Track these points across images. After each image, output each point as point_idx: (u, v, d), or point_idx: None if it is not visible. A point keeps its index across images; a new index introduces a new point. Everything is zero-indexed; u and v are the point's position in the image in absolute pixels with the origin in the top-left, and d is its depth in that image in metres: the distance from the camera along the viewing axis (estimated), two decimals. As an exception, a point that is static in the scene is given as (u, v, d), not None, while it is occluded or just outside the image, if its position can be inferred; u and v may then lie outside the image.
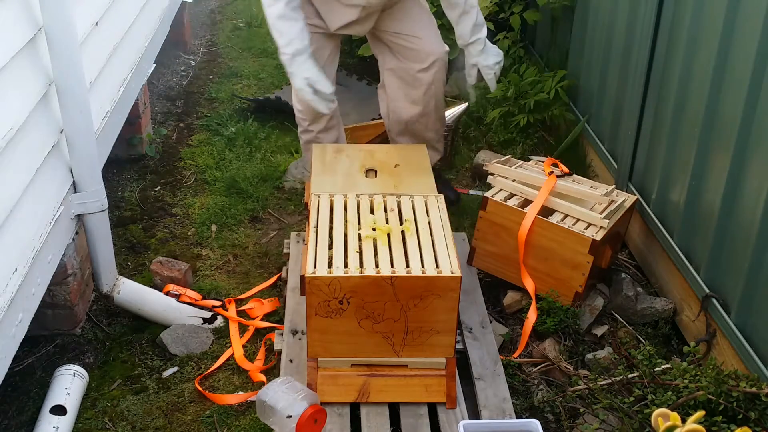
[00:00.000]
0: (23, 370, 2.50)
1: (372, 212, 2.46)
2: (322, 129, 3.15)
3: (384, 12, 2.99)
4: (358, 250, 2.28)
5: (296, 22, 2.60)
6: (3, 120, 2.07)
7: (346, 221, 2.41)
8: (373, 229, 2.35)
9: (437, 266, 2.21)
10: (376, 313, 2.22)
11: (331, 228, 2.38)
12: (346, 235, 2.34)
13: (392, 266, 2.21)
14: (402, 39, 3.03)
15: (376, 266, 2.21)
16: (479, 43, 2.94)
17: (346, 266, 2.21)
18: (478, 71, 3.02)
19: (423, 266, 2.21)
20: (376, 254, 2.27)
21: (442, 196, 2.57)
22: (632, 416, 2.17)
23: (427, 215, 2.45)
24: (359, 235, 2.34)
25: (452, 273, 2.19)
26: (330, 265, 2.21)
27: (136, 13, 3.66)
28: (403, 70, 3.07)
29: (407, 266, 2.21)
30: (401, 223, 2.40)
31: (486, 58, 2.98)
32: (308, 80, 2.66)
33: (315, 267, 2.20)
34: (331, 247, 2.29)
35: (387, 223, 2.41)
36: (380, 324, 2.23)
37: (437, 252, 2.28)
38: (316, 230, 2.35)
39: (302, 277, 2.22)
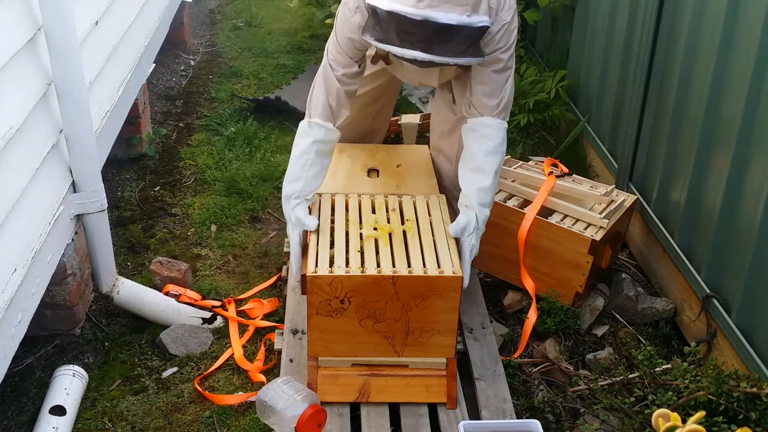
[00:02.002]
0: (23, 371, 2.49)
1: (374, 212, 2.45)
2: None
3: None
4: (359, 249, 2.27)
5: (312, 165, 2.39)
6: (2, 120, 2.07)
7: (347, 221, 2.40)
8: (375, 229, 2.35)
9: (439, 266, 2.21)
10: (377, 313, 2.21)
11: (332, 228, 2.37)
12: (347, 234, 2.34)
13: (394, 266, 2.21)
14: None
15: (378, 266, 2.21)
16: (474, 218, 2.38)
17: (347, 265, 2.21)
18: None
19: (425, 266, 2.21)
20: (377, 254, 2.26)
21: (443, 196, 2.55)
22: (633, 416, 2.17)
23: (429, 215, 2.45)
24: (361, 234, 2.33)
25: (454, 273, 2.18)
26: (331, 264, 2.21)
27: (135, 13, 3.66)
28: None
29: (409, 266, 2.21)
30: (403, 223, 2.40)
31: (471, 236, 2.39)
32: (299, 221, 2.36)
33: (316, 266, 2.19)
34: (332, 246, 2.29)
35: (389, 222, 2.40)
36: (381, 324, 2.23)
37: (439, 252, 2.27)
38: (318, 230, 2.35)
39: (303, 277, 2.22)
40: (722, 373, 2.03)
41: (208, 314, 2.75)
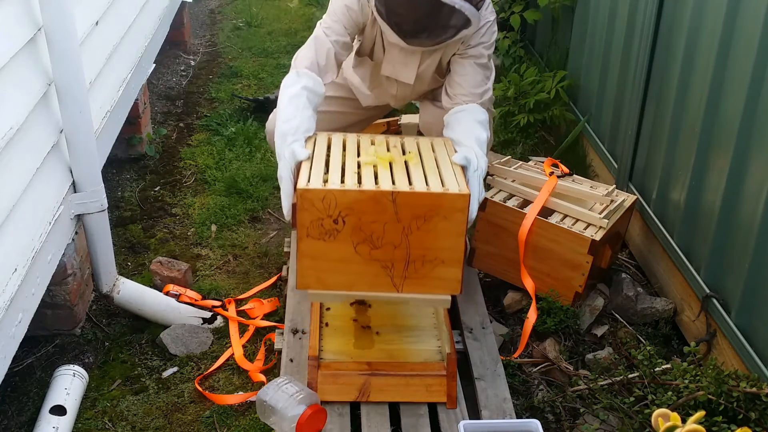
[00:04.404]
0: (23, 370, 2.50)
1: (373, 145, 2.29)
2: None
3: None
4: (356, 171, 2.09)
5: (305, 109, 2.34)
6: (2, 120, 2.07)
7: (344, 152, 2.23)
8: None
9: (443, 185, 2.03)
10: (374, 237, 2.01)
11: (328, 158, 2.19)
12: (344, 164, 2.14)
13: (394, 184, 2.02)
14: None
15: (376, 183, 2.03)
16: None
17: (342, 182, 2.02)
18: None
19: (428, 185, 2.02)
20: (376, 177, 2.09)
21: (449, 139, 2.39)
22: (632, 416, 2.17)
23: (433, 151, 2.27)
24: (359, 163, 2.16)
25: (460, 191, 2.00)
26: (326, 182, 2.03)
27: (135, 13, 3.66)
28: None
29: (410, 184, 2.03)
30: (404, 155, 2.24)
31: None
32: (293, 155, 2.22)
33: (309, 181, 2.01)
34: (327, 172, 2.11)
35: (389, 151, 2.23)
36: (379, 250, 2.02)
37: (443, 175, 2.10)
38: (311, 159, 2.15)
39: (294, 206, 2.04)
40: (722, 373, 2.03)
41: (208, 314, 2.75)
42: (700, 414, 1.34)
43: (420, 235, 2.02)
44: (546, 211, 2.72)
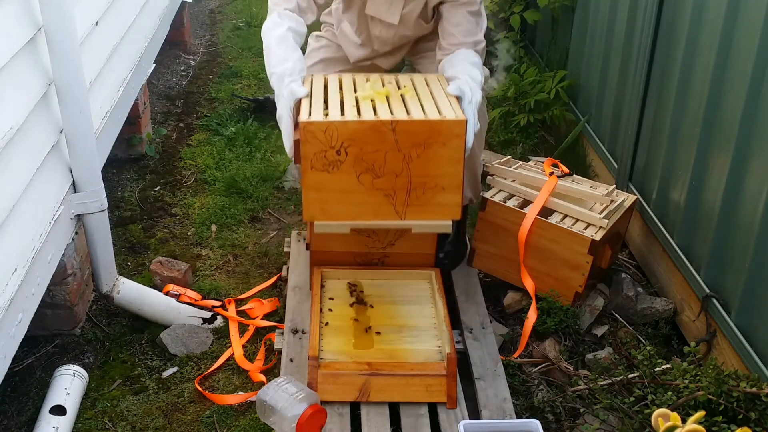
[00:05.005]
0: (23, 370, 2.50)
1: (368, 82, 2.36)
2: None
3: (415, 46, 2.81)
4: (355, 105, 2.17)
5: (294, 50, 2.37)
6: (2, 120, 2.07)
7: (341, 89, 2.30)
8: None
9: (440, 113, 2.10)
10: (376, 166, 2.08)
11: (326, 96, 2.25)
12: (342, 101, 2.22)
13: (392, 114, 2.09)
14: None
15: (375, 114, 2.10)
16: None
17: (342, 114, 2.09)
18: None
19: (425, 114, 2.09)
20: (374, 110, 2.16)
21: (443, 76, 2.42)
22: (632, 416, 2.17)
23: (428, 86, 2.34)
24: (356, 98, 2.22)
25: (456, 117, 2.06)
26: (326, 115, 2.10)
27: (135, 13, 3.66)
28: None
29: (408, 114, 2.10)
30: (399, 89, 2.31)
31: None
32: (291, 94, 2.27)
33: (310, 114, 2.09)
34: (326, 108, 2.18)
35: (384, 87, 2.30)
36: (381, 179, 2.10)
37: (439, 104, 2.17)
38: (310, 97, 2.22)
39: (296, 143, 2.10)
40: (722, 373, 2.03)
41: (208, 314, 2.75)
42: (700, 414, 1.34)
43: (420, 162, 2.08)
44: (546, 211, 2.72)
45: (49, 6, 2.26)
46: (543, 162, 2.98)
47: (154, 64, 4.00)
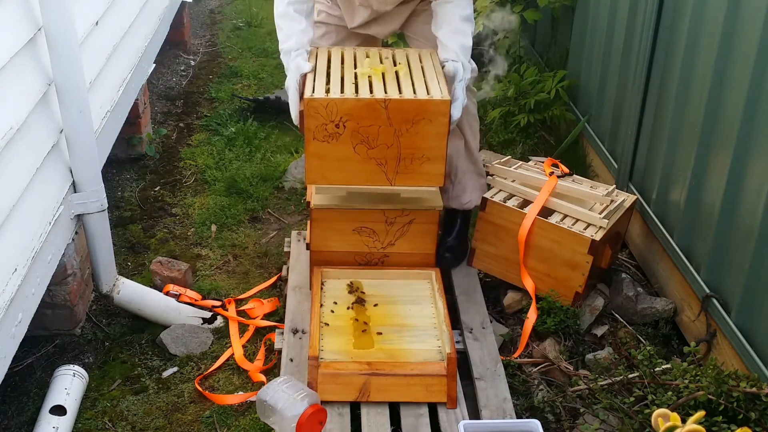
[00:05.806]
0: (23, 370, 2.50)
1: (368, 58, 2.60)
2: None
3: (413, 16, 2.84)
4: (354, 82, 2.42)
5: (298, 22, 2.58)
6: (2, 119, 2.07)
7: (342, 64, 2.55)
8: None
9: (428, 93, 2.35)
10: (370, 138, 2.35)
11: (328, 71, 2.49)
12: (342, 76, 2.47)
13: (386, 93, 2.34)
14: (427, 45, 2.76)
15: (371, 93, 2.35)
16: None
17: (342, 92, 2.35)
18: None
19: (415, 93, 2.34)
20: (371, 87, 2.40)
21: (435, 51, 2.62)
22: (632, 416, 2.17)
23: (421, 62, 2.57)
24: (356, 74, 2.47)
25: (442, 97, 2.31)
26: (328, 92, 2.35)
27: (135, 13, 3.66)
28: None
29: (400, 93, 2.35)
30: (395, 65, 2.54)
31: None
32: (298, 67, 2.50)
33: (313, 91, 2.34)
34: (328, 83, 2.42)
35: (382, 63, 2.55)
36: (374, 150, 2.37)
37: (428, 84, 2.41)
38: (314, 71, 2.48)
39: (301, 114, 2.35)
40: (722, 373, 2.03)
41: (208, 314, 2.75)
42: (700, 414, 1.34)
43: (409, 136, 2.36)
44: (546, 211, 2.72)
45: (49, 6, 2.26)
46: (543, 162, 2.98)
47: (154, 64, 4.00)
